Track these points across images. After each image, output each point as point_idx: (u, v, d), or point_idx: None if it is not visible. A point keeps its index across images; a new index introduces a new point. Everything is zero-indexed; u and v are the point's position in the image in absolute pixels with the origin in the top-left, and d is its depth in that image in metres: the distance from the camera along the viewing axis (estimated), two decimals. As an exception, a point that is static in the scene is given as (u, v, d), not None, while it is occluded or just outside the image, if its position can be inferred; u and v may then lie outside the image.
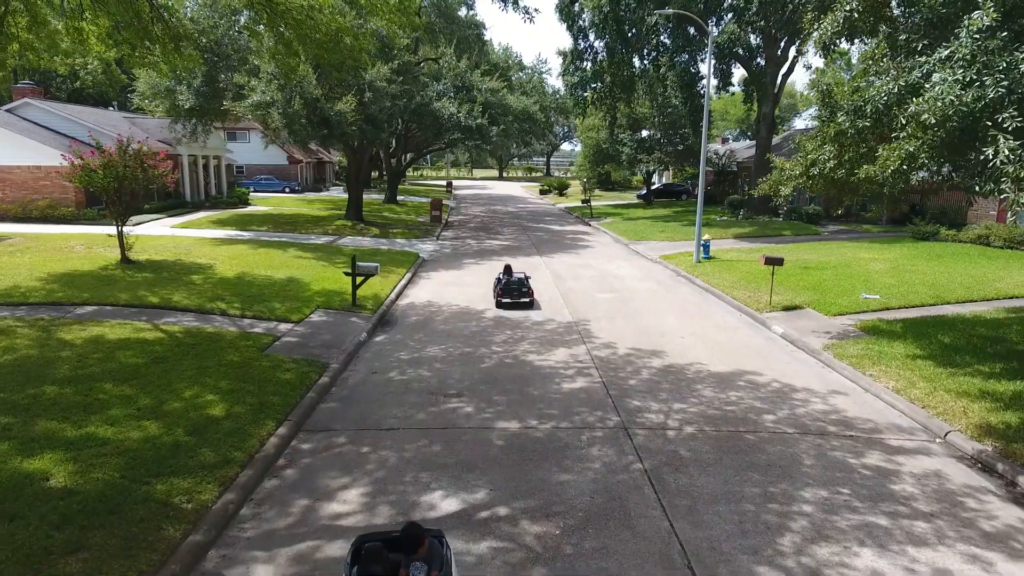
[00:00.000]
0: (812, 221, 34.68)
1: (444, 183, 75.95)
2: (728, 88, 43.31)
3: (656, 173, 57.40)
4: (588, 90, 40.30)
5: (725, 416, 9.74)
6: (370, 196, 46.71)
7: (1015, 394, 10.03)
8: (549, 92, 79.34)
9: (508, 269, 17.45)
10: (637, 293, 18.67)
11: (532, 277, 18.39)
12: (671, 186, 58.48)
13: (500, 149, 64.16)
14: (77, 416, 8.50)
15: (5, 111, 31.94)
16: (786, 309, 16.00)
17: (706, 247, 23.67)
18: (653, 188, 55.73)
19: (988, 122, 7.42)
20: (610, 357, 12.56)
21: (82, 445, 7.73)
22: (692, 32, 37.26)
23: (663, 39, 38.12)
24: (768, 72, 37.30)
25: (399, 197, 48.73)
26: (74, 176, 17.78)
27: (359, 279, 15.75)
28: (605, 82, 38.84)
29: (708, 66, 26.36)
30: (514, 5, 18.54)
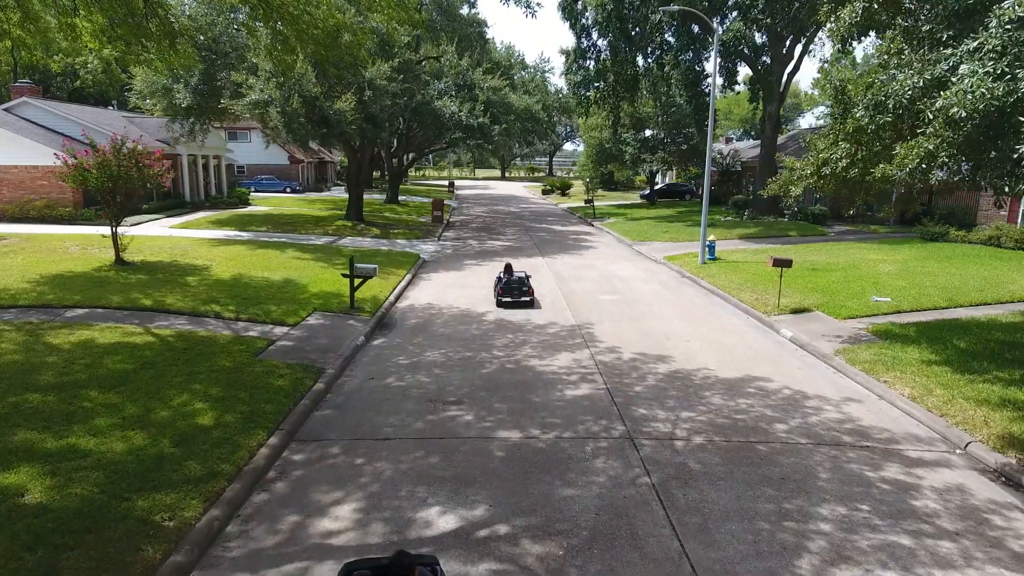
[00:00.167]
0: (818, 221, 34.22)
1: (446, 183, 75.65)
2: (733, 87, 42.90)
3: (660, 173, 56.95)
4: (591, 89, 39.84)
5: (735, 425, 9.35)
6: (371, 196, 46.37)
7: (1038, 403, 9.63)
8: (552, 91, 78.93)
9: (508, 268, 17.36)
10: (641, 295, 18.28)
11: (533, 277, 18.08)
12: (675, 186, 57.96)
13: (502, 149, 63.64)
14: (59, 426, 8.15)
15: (3, 110, 31.60)
16: (795, 312, 15.59)
17: (711, 248, 23.26)
18: (656, 188, 55.24)
19: (1021, 117, 7.01)
20: (614, 362, 12.18)
21: (62, 457, 7.37)
22: (696, 30, 36.88)
23: (667, 37, 37.69)
24: (774, 71, 36.88)
25: (401, 197, 48.35)
26: (67, 176, 17.43)
27: (357, 281, 15.39)
28: (608, 81, 38.43)
29: (713, 64, 25.98)
30: (515, -1, 18.17)
